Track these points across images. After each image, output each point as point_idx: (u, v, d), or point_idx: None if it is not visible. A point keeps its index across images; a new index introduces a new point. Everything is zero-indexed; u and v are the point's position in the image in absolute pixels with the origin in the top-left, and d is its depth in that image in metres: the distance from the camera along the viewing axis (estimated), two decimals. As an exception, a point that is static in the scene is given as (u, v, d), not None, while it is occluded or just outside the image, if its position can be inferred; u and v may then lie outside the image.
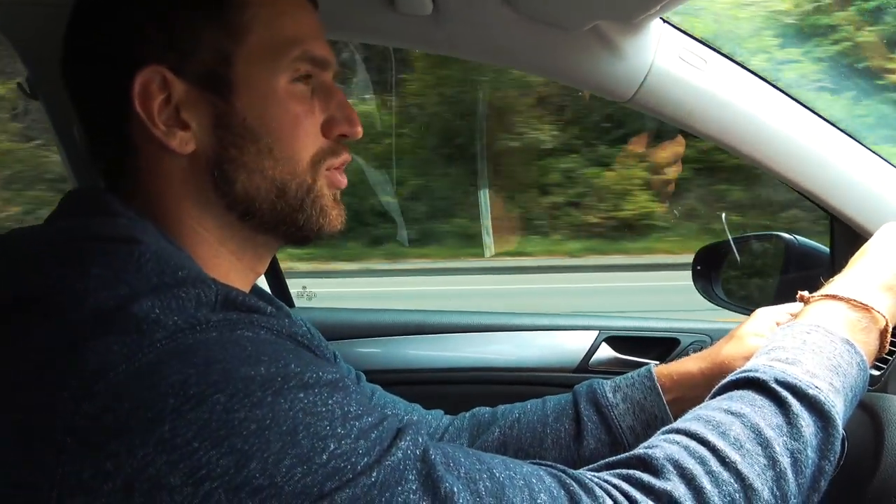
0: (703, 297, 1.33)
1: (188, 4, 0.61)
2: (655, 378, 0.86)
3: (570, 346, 1.42)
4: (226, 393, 0.45)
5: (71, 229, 0.58)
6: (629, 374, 0.89)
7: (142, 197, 0.63)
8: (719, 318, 1.45)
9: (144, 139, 0.62)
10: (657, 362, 0.92)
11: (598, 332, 1.42)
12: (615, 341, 1.42)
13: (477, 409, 0.96)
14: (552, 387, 1.28)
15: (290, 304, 1.65)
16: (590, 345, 1.41)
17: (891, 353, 0.89)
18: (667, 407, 0.84)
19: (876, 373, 0.96)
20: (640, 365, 0.91)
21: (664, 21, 0.91)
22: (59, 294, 0.50)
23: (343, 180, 0.70)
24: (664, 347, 1.41)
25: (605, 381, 0.89)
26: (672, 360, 0.94)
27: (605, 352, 1.41)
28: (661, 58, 0.91)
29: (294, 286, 1.71)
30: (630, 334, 1.43)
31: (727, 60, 0.94)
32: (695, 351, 0.96)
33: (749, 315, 0.89)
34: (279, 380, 0.47)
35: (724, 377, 0.67)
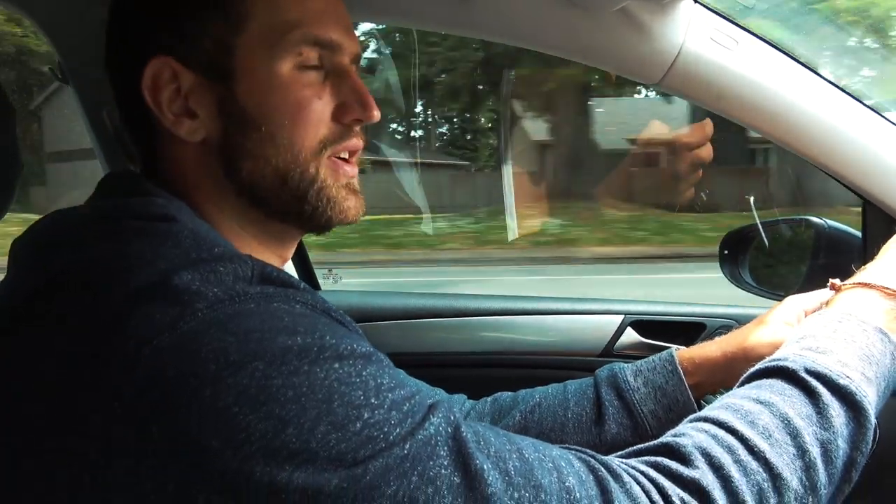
0: (730, 282, 1.31)
1: None
2: (677, 362, 0.85)
3: (594, 330, 1.42)
4: (264, 360, 0.46)
5: (110, 209, 0.59)
6: (651, 358, 0.88)
7: (168, 181, 0.65)
8: (747, 303, 1.43)
9: (159, 127, 0.64)
10: (679, 346, 0.91)
11: (622, 316, 1.41)
12: (640, 326, 1.41)
13: (498, 393, 0.96)
14: (576, 371, 1.28)
15: (316, 286, 1.67)
16: (615, 329, 1.40)
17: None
18: (689, 391, 0.83)
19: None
20: (666, 349, 0.91)
21: (695, 0, 0.89)
22: (100, 271, 0.52)
23: (350, 169, 0.69)
24: (690, 332, 1.39)
25: (626, 364, 0.89)
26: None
27: (630, 336, 1.40)
28: (692, 39, 0.89)
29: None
30: (655, 318, 1.42)
31: (759, 41, 0.92)
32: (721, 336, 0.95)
33: (778, 301, 0.88)
34: (315, 350, 0.48)
35: (749, 362, 0.67)
